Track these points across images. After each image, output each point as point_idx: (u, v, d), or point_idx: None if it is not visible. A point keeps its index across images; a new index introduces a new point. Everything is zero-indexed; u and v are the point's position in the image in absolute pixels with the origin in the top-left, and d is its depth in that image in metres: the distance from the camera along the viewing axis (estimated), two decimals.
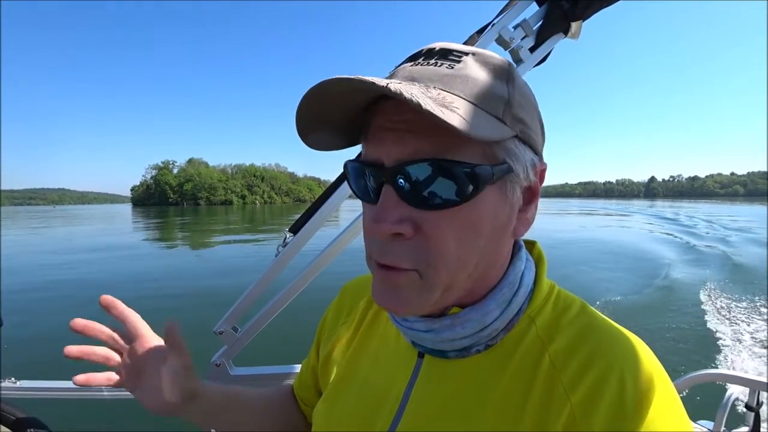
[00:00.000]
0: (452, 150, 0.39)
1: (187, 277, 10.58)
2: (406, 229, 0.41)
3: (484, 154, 0.41)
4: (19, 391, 1.23)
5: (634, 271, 10.41)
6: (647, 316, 6.55)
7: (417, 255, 0.41)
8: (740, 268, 10.82)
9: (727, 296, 7.83)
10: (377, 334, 0.62)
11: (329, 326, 0.70)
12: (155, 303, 7.91)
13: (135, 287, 9.36)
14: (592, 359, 0.41)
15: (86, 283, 9.74)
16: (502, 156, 0.41)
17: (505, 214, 0.44)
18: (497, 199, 0.43)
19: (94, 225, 35.68)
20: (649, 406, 0.37)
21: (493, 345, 0.47)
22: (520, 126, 0.42)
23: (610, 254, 13.18)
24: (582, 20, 1.06)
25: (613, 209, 54.05)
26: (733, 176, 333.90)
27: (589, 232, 21.73)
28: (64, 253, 14.95)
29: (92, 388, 1.22)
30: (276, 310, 1.17)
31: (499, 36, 1.09)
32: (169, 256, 15.20)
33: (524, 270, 0.50)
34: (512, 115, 0.42)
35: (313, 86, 0.38)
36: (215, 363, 1.18)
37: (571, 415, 0.39)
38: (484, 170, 0.39)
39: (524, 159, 0.43)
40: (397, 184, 0.41)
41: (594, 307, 0.50)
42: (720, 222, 28.15)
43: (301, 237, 1.14)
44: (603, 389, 0.39)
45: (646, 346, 0.44)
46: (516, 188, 0.44)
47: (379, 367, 0.57)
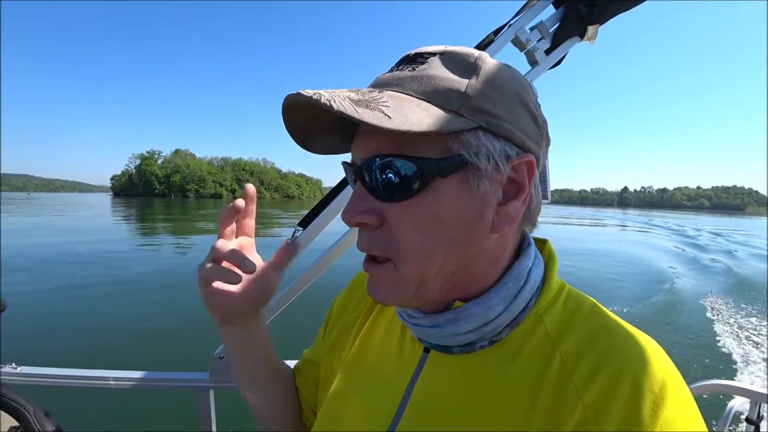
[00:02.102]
0: (408, 147, 0.41)
1: (192, 269, 10.35)
2: (370, 219, 0.44)
3: (442, 148, 0.41)
4: (20, 377, 1.18)
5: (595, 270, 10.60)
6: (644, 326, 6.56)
7: (385, 244, 0.44)
8: (739, 278, 10.94)
9: (730, 307, 7.78)
10: (382, 329, 0.62)
11: (336, 314, 0.70)
12: (160, 294, 7.82)
13: (137, 278, 9.17)
14: (605, 359, 0.40)
15: (93, 275, 9.41)
16: (456, 149, 0.41)
17: (473, 208, 0.43)
18: (459, 192, 0.42)
19: (87, 214, 34.66)
20: (664, 407, 0.36)
21: (497, 341, 0.47)
22: (484, 117, 0.42)
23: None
24: (599, 24, 1.04)
25: (587, 215, 55.36)
26: (698, 189, 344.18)
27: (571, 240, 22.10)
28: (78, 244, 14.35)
29: (97, 376, 1.19)
30: (282, 304, 1.13)
31: (515, 37, 1.07)
32: (169, 248, 14.87)
33: (532, 267, 0.49)
34: (471, 107, 0.42)
35: (283, 101, 0.42)
36: (218, 356, 1.14)
37: (582, 416, 0.38)
38: (428, 163, 0.41)
39: (490, 151, 0.42)
40: (363, 180, 0.44)
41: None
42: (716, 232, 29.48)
43: (310, 231, 1.10)
44: (616, 390, 0.37)
45: (659, 346, 0.43)
46: (482, 181, 0.43)
47: (384, 362, 0.57)
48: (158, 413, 3.37)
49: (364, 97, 0.40)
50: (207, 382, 1.17)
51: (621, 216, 56.57)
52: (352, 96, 0.40)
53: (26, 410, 0.83)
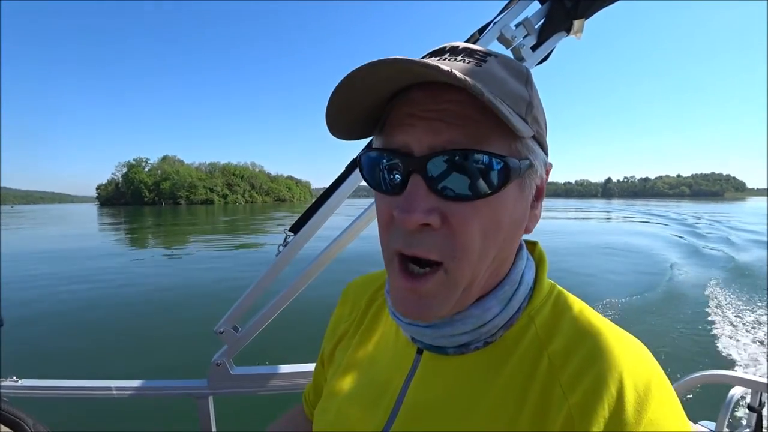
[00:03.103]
0: (482, 143, 0.39)
1: (189, 276, 10.25)
2: (434, 220, 0.39)
3: (510, 150, 0.40)
4: (22, 389, 1.18)
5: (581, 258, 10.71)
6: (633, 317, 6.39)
7: (443, 246, 0.40)
8: (739, 265, 10.79)
9: (730, 296, 7.64)
10: (378, 332, 0.61)
11: (333, 327, 0.69)
12: (158, 301, 7.66)
13: (137, 286, 8.99)
14: (591, 360, 0.40)
15: (89, 285, 9.15)
16: (525, 153, 0.42)
17: (522, 210, 0.44)
18: (517, 195, 0.43)
19: (80, 224, 34.02)
20: (648, 407, 0.36)
21: (492, 342, 0.46)
22: (536, 127, 0.43)
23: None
24: (584, 18, 1.03)
25: (572, 205, 55.88)
26: (679, 178, 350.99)
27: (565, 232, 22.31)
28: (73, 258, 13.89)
29: (98, 387, 1.20)
30: (276, 310, 1.13)
31: (500, 34, 1.05)
32: (168, 256, 14.62)
33: (524, 269, 0.49)
34: (532, 116, 0.43)
35: (360, 67, 0.36)
36: (216, 362, 1.15)
37: (569, 416, 0.38)
38: (515, 163, 0.39)
39: (542, 158, 0.44)
40: (427, 174, 0.39)
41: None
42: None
43: (302, 237, 1.11)
44: (602, 390, 0.38)
45: (644, 347, 0.43)
46: (532, 185, 0.44)
47: (379, 364, 0.56)
48: (159, 422, 3.34)
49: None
50: (206, 389, 1.18)
51: (606, 206, 57.19)
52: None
53: (25, 423, 0.82)
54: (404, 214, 0.39)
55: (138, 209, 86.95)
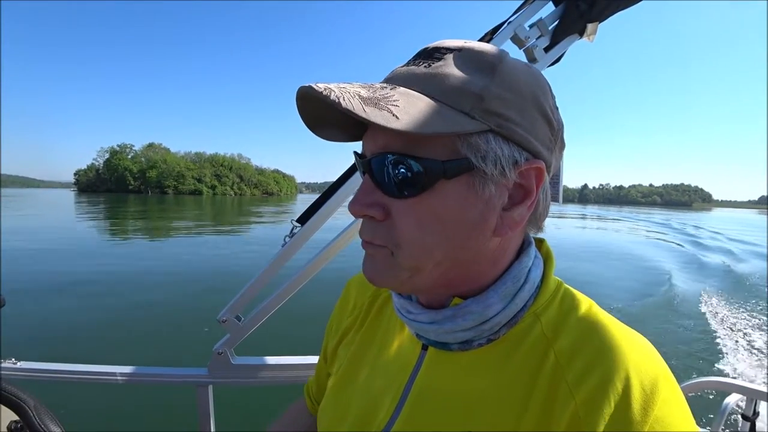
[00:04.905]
0: (418, 145, 0.40)
1: (193, 264, 10.10)
2: (376, 213, 0.44)
3: (450, 150, 0.40)
4: (20, 372, 1.15)
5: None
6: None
7: (386, 235, 0.44)
8: (737, 274, 10.91)
9: (727, 303, 7.63)
10: (382, 327, 0.60)
11: (335, 322, 0.69)
12: (163, 289, 7.47)
13: (142, 273, 8.78)
14: (598, 358, 0.39)
15: (93, 273, 8.89)
16: (464, 151, 0.40)
17: (476, 211, 0.42)
18: (464, 194, 0.41)
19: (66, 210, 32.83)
20: (655, 406, 0.36)
21: (495, 339, 0.46)
22: (496, 120, 0.40)
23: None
24: (598, 22, 1.02)
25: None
26: (651, 187, 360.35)
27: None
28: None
29: (97, 371, 1.17)
30: (280, 301, 1.10)
31: (514, 34, 1.04)
32: (167, 244, 14.34)
33: (531, 266, 0.48)
34: (483, 109, 0.39)
35: (296, 91, 0.40)
36: (217, 351, 1.12)
37: (575, 414, 0.37)
38: (433, 165, 0.40)
39: (497, 155, 0.40)
40: (372, 173, 0.44)
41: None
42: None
43: (308, 228, 1.08)
44: (608, 389, 0.37)
45: (651, 346, 0.42)
46: (488, 185, 0.41)
47: (384, 360, 0.56)
48: (157, 408, 3.33)
49: (374, 94, 0.39)
50: (206, 377, 1.16)
51: (583, 210, 58.41)
52: (363, 93, 0.39)
53: (26, 404, 0.78)
54: (350, 205, 0.45)
55: (122, 197, 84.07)
